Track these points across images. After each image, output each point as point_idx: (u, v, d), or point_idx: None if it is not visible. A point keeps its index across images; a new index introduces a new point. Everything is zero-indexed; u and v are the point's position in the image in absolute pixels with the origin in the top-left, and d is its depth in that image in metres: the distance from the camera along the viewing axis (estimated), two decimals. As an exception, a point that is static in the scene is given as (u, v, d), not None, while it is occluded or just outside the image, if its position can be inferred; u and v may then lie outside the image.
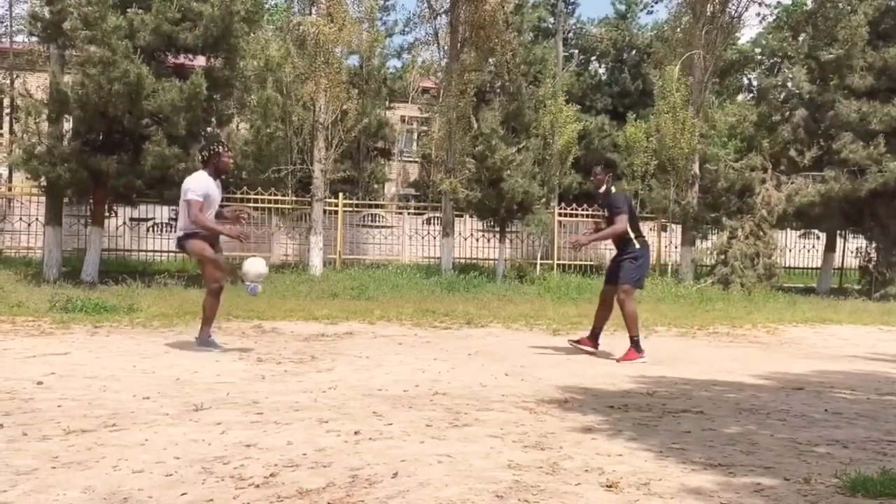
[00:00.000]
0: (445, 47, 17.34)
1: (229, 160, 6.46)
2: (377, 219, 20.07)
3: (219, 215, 6.52)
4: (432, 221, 19.59)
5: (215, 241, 6.39)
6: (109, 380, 4.83)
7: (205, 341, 6.35)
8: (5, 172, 22.37)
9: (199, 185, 6.18)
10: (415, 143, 29.80)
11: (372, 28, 19.02)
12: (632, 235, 6.70)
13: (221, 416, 3.92)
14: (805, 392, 5.28)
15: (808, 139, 17.49)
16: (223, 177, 6.61)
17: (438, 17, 17.74)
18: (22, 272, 12.83)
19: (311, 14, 17.28)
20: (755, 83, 30.98)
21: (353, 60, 22.04)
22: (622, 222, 6.61)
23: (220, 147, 6.41)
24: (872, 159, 16.02)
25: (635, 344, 6.58)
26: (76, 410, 3.95)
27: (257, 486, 2.82)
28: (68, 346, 6.28)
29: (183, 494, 2.70)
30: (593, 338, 7.00)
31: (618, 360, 6.51)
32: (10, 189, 18.55)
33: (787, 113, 18.19)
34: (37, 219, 15.82)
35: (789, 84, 18.97)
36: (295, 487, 2.80)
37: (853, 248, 20.29)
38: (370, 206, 20.45)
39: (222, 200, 6.70)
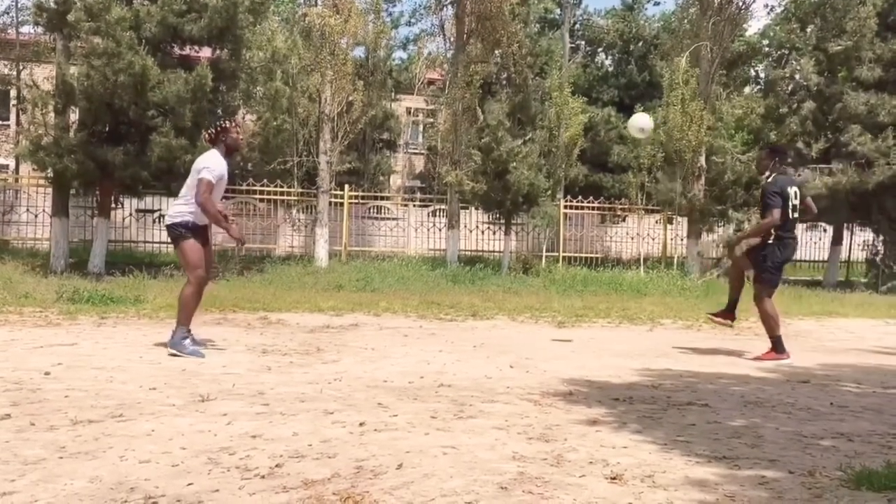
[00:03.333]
0: (451, 39, 17.30)
1: (239, 136, 5.80)
2: (383, 211, 20.09)
3: None
4: (438, 213, 19.59)
5: (206, 234, 5.79)
6: (116, 370, 4.86)
7: (178, 343, 5.50)
8: (12, 164, 22.46)
9: (217, 164, 5.54)
10: (420, 135, 29.79)
11: (378, 19, 18.97)
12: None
13: (227, 407, 3.94)
14: (810, 385, 5.27)
15: (816, 131, 17.41)
16: (233, 157, 5.93)
17: (444, 9, 17.70)
18: (29, 263, 12.89)
19: (316, 5, 17.24)
20: (763, 75, 30.82)
21: (359, 52, 22.01)
22: (772, 217, 6.27)
23: (228, 122, 5.78)
24: (880, 152, 15.95)
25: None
26: (83, 401, 3.98)
27: (263, 476, 2.83)
28: (75, 336, 6.31)
29: (189, 485, 2.71)
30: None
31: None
32: (17, 180, 18.62)
33: (795, 105, 18.11)
34: (44, 210, 15.89)
35: (797, 76, 18.87)
36: (300, 478, 2.81)
37: (860, 241, 20.23)
38: (376, 198, 20.45)
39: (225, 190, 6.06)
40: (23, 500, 2.51)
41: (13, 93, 20.93)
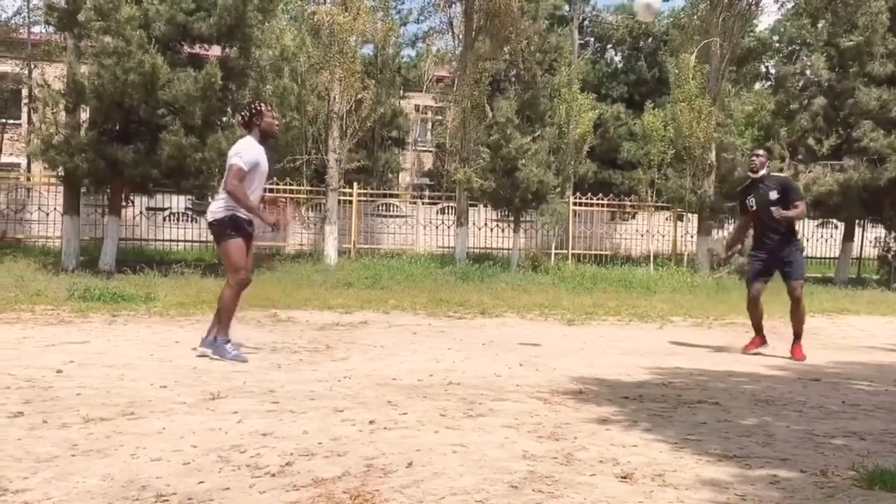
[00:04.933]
0: (460, 36, 17.29)
1: (274, 121, 5.50)
2: (392, 208, 20.10)
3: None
4: (447, 211, 19.59)
5: (250, 236, 5.49)
6: (127, 368, 4.88)
7: (220, 348, 5.32)
8: (24, 162, 22.60)
9: (250, 151, 5.26)
10: (429, 133, 29.78)
11: (386, 17, 18.97)
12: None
13: (238, 405, 3.95)
14: (822, 383, 5.24)
15: (827, 127, 17.28)
16: (267, 142, 5.58)
17: (453, 6, 17.71)
18: (41, 261, 12.98)
19: (325, 3, 17.26)
20: (773, 71, 30.64)
21: (368, 49, 22.02)
22: (805, 205, 6.60)
23: (263, 105, 5.47)
24: (893, 148, 15.82)
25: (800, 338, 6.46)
26: (95, 399, 4.00)
27: (273, 474, 2.84)
28: (87, 334, 6.34)
29: (200, 483, 2.72)
30: (762, 336, 6.70)
31: (791, 357, 6.33)
32: (28, 179, 18.72)
33: (806, 101, 17.98)
34: (55, 208, 15.98)
35: (808, 72, 18.74)
36: (310, 476, 2.82)
37: (872, 238, 20.09)
38: (385, 195, 20.46)
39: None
40: (36, 497, 2.53)
41: (25, 92, 21.04)
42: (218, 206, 5.37)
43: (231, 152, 5.34)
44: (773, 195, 6.45)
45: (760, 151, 6.84)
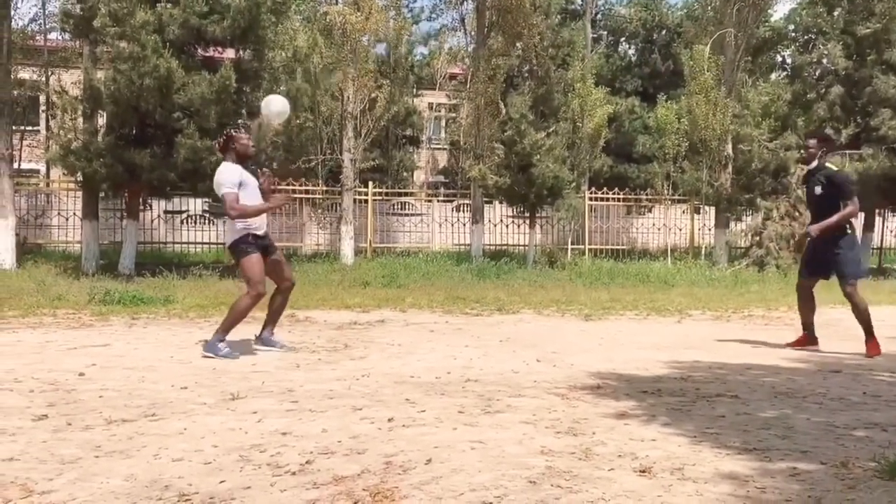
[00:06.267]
0: (472, 33, 17.32)
1: (248, 143, 5.72)
2: (407, 207, 20.12)
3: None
4: (462, 208, 19.58)
5: (270, 246, 5.84)
6: (148, 370, 4.94)
7: (213, 345, 5.50)
8: (43, 168, 22.86)
9: (230, 175, 5.56)
10: (443, 130, 29.75)
11: (398, 15, 18.98)
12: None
13: (257, 405, 3.99)
14: (842, 375, 5.20)
15: (845, 117, 17.11)
16: (251, 164, 5.90)
17: (465, 3, 17.72)
18: (62, 265, 13.14)
19: (337, 3, 17.31)
20: (789, 61, 30.31)
21: (381, 49, 22.05)
22: (855, 205, 5.98)
23: (234, 131, 5.72)
24: (912, 136, 15.65)
25: (871, 335, 6.09)
26: (117, 401, 4.05)
27: (293, 473, 2.87)
28: (108, 337, 6.41)
29: (221, 482, 2.75)
30: (811, 334, 6.46)
31: (867, 356, 5.94)
32: (48, 185, 18.94)
33: (823, 90, 17.80)
34: (74, 213, 16.17)
35: (824, 61, 18.55)
36: (330, 474, 2.85)
37: (892, 227, 19.86)
38: (400, 194, 20.49)
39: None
40: (61, 498, 2.57)
41: (42, 99, 21.28)
42: (233, 230, 5.65)
43: (215, 184, 5.62)
44: (818, 190, 6.05)
45: (811, 141, 6.21)
